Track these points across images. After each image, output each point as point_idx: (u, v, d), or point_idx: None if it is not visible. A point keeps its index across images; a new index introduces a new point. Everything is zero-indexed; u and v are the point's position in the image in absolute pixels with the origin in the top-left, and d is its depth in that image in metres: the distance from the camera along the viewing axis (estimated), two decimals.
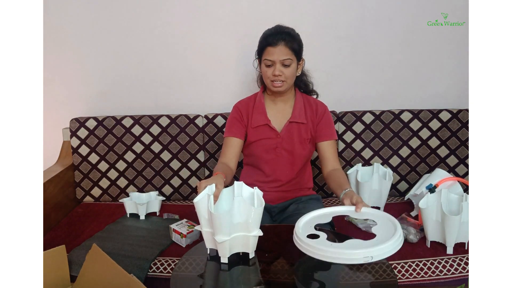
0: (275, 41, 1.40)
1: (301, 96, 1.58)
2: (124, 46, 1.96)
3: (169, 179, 1.91)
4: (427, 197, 1.39)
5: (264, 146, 1.54)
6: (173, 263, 1.36)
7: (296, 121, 1.53)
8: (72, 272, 1.32)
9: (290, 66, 1.43)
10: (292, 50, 1.42)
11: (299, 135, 1.53)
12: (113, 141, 1.89)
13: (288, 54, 1.41)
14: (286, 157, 1.54)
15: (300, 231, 1.06)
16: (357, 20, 1.90)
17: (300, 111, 1.54)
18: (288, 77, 1.44)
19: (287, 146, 1.53)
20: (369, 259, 0.94)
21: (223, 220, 1.04)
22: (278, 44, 1.40)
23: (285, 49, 1.40)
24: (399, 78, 1.97)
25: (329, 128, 1.55)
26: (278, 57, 1.40)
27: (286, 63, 1.42)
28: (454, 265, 1.30)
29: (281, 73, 1.42)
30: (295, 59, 1.44)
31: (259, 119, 1.53)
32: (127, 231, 1.57)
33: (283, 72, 1.42)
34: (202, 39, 1.94)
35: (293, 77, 1.48)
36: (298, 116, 1.53)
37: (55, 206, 1.74)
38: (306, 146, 1.54)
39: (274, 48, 1.40)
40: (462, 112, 1.83)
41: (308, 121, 1.54)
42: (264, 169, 1.56)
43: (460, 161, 1.84)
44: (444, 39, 1.90)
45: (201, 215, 1.10)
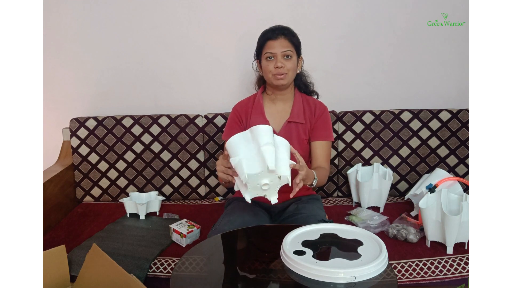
0: (275, 35, 1.46)
1: (300, 96, 1.58)
2: (124, 46, 1.96)
3: (169, 179, 1.91)
4: (427, 197, 1.39)
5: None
6: (173, 263, 1.36)
7: (295, 121, 1.53)
8: (72, 272, 1.32)
9: (291, 58, 1.47)
10: (291, 43, 1.47)
11: (298, 135, 1.53)
12: (113, 141, 1.89)
13: (289, 46, 1.46)
14: None
15: (287, 247, 1.07)
16: (357, 20, 1.90)
17: (298, 111, 1.54)
18: (290, 69, 1.47)
19: None
20: (352, 279, 0.96)
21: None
22: (278, 37, 1.45)
23: (285, 41, 1.45)
24: (399, 78, 1.97)
25: (325, 129, 1.55)
26: (279, 49, 1.45)
27: (288, 54, 1.45)
28: (454, 265, 1.30)
29: (283, 65, 1.45)
30: (295, 52, 1.48)
31: (257, 119, 1.54)
32: (127, 231, 1.57)
33: (285, 64, 1.46)
34: (202, 39, 1.94)
35: (294, 71, 1.50)
36: (296, 116, 1.53)
37: (55, 206, 1.74)
38: (305, 146, 1.54)
39: (275, 41, 1.45)
40: (462, 112, 1.83)
41: (307, 121, 1.54)
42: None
43: (460, 161, 1.84)
44: (444, 39, 1.90)
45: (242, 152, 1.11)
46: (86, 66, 1.99)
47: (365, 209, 1.68)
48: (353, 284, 0.96)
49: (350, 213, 1.66)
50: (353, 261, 1.02)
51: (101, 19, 1.93)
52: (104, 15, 1.92)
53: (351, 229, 1.19)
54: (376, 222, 1.54)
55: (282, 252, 1.07)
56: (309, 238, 1.14)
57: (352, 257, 1.04)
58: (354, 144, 1.85)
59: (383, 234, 1.48)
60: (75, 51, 1.97)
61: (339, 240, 1.15)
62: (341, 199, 1.88)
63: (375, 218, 1.57)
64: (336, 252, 1.09)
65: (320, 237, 1.16)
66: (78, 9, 1.92)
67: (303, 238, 1.14)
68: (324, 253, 1.08)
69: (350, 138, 1.85)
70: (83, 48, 1.97)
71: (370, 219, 1.57)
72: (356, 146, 1.85)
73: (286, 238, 1.12)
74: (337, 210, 1.74)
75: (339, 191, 1.91)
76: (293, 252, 1.06)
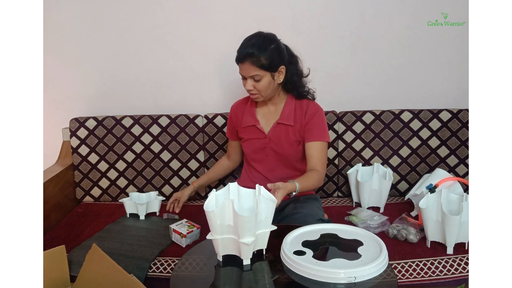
0: (241, 58, 1.43)
1: (292, 99, 1.58)
2: (124, 46, 1.96)
3: (169, 179, 1.91)
4: (427, 197, 1.39)
5: (253, 146, 1.60)
6: (173, 263, 1.36)
7: (284, 123, 1.55)
8: (72, 272, 1.32)
9: (261, 80, 1.44)
10: (259, 66, 1.41)
11: (287, 137, 1.55)
12: (113, 141, 1.89)
13: (256, 70, 1.42)
14: (274, 157, 1.58)
15: (287, 247, 1.07)
16: (357, 20, 1.90)
17: (289, 114, 1.55)
18: (261, 90, 1.46)
19: (274, 147, 1.57)
20: (353, 279, 0.96)
21: (251, 220, 1.04)
22: (244, 61, 1.42)
23: (251, 66, 1.42)
24: (399, 78, 1.97)
25: (317, 129, 1.53)
26: (247, 73, 1.44)
27: (256, 79, 1.44)
28: (454, 265, 1.30)
29: (252, 88, 1.46)
30: (266, 73, 1.43)
31: (248, 120, 1.60)
32: (127, 231, 1.57)
33: (254, 86, 1.45)
34: (202, 39, 1.94)
35: (267, 89, 1.47)
36: (285, 118, 1.55)
37: (55, 206, 1.74)
38: (295, 148, 1.56)
39: (242, 65, 1.44)
40: (462, 112, 1.83)
41: (297, 123, 1.54)
42: (257, 168, 1.62)
43: (460, 161, 1.84)
44: (444, 39, 1.90)
45: (215, 222, 1.06)
46: (86, 66, 1.99)
47: (365, 209, 1.68)
48: (353, 284, 0.96)
49: (350, 213, 1.66)
50: (353, 261, 1.02)
51: (101, 19, 1.93)
52: (104, 15, 1.92)
53: (351, 229, 1.19)
54: (376, 222, 1.54)
55: (282, 252, 1.07)
56: (309, 238, 1.14)
57: (352, 257, 1.04)
58: (354, 144, 1.85)
59: (383, 234, 1.48)
60: (75, 51, 1.97)
61: (339, 240, 1.15)
62: (341, 199, 1.88)
63: (375, 218, 1.57)
64: (336, 252, 1.09)
65: (320, 237, 1.16)
66: (78, 9, 1.92)
67: (303, 238, 1.14)
68: (324, 253, 1.08)
69: (350, 138, 1.85)
70: (83, 48, 1.97)
71: (370, 219, 1.57)
72: (356, 146, 1.85)
73: (286, 238, 1.12)
74: (337, 210, 1.74)
75: (339, 191, 1.91)
76: (293, 252, 1.06)
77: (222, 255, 1.11)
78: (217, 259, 1.12)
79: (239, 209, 1.10)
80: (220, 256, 1.11)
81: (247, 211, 1.13)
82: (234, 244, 1.09)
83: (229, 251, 1.11)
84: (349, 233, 1.17)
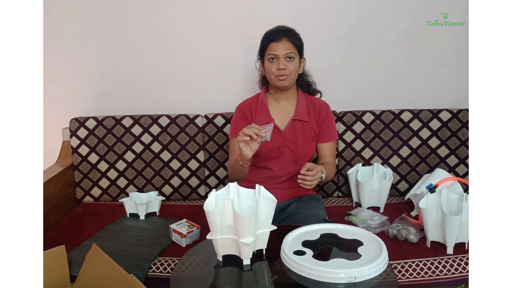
0: (278, 37, 1.46)
1: (303, 96, 1.59)
2: (124, 46, 1.96)
3: (169, 179, 1.91)
4: (427, 197, 1.39)
5: (268, 145, 1.50)
6: (173, 263, 1.36)
7: (299, 119, 1.54)
8: (72, 272, 1.32)
9: (294, 60, 1.47)
10: (294, 45, 1.47)
11: (303, 133, 1.54)
12: (113, 141, 1.89)
13: (291, 48, 1.46)
14: (289, 155, 1.55)
15: (287, 247, 1.07)
16: (357, 20, 1.90)
17: (302, 110, 1.55)
18: (292, 71, 1.47)
19: (290, 145, 1.54)
20: (353, 279, 0.96)
21: (251, 220, 1.03)
22: (281, 39, 1.46)
23: (287, 43, 1.46)
24: (399, 78, 1.97)
25: (331, 130, 1.59)
26: (282, 51, 1.45)
27: (290, 56, 1.46)
28: (454, 265, 1.30)
29: (285, 67, 1.46)
30: (297, 54, 1.49)
31: (262, 118, 1.55)
32: (127, 231, 1.57)
33: (287, 66, 1.46)
34: (202, 39, 1.94)
35: (296, 72, 1.51)
36: (300, 114, 1.54)
37: (55, 206, 1.74)
38: (308, 144, 1.55)
39: (277, 43, 1.45)
40: (462, 112, 1.83)
41: (311, 119, 1.55)
42: (267, 166, 1.57)
43: (460, 161, 1.84)
44: (444, 39, 1.90)
45: (215, 223, 1.06)
46: (86, 66, 1.99)
47: (365, 209, 1.68)
48: (353, 284, 0.96)
49: (350, 213, 1.66)
50: (353, 261, 1.02)
51: (101, 19, 1.93)
52: (104, 15, 1.92)
53: (351, 229, 1.19)
54: (376, 222, 1.54)
55: (282, 252, 1.07)
56: (309, 238, 1.14)
57: (352, 257, 1.04)
58: (354, 144, 1.85)
59: (383, 234, 1.48)
60: (75, 51, 1.97)
61: (339, 240, 1.15)
62: (341, 199, 1.88)
63: (375, 218, 1.57)
64: (336, 252, 1.09)
65: (320, 237, 1.16)
66: (78, 9, 1.92)
67: (303, 238, 1.14)
68: (324, 253, 1.08)
69: (350, 138, 1.85)
70: (83, 48, 1.97)
71: (370, 219, 1.57)
72: (356, 146, 1.85)
73: (286, 238, 1.12)
74: (337, 210, 1.74)
75: (339, 191, 1.91)
76: (293, 252, 1.06)
77: (222, 255, 1.11)
78: (217, 259, 1.12)
79: (239, 209, 1.10)
80: (220, 256, 1.11)
81: (247, 211, 1.13)
82: (234, 244, 1.09)
83: (229, 251, 1.11)
84: (349, 233, 1.17)
